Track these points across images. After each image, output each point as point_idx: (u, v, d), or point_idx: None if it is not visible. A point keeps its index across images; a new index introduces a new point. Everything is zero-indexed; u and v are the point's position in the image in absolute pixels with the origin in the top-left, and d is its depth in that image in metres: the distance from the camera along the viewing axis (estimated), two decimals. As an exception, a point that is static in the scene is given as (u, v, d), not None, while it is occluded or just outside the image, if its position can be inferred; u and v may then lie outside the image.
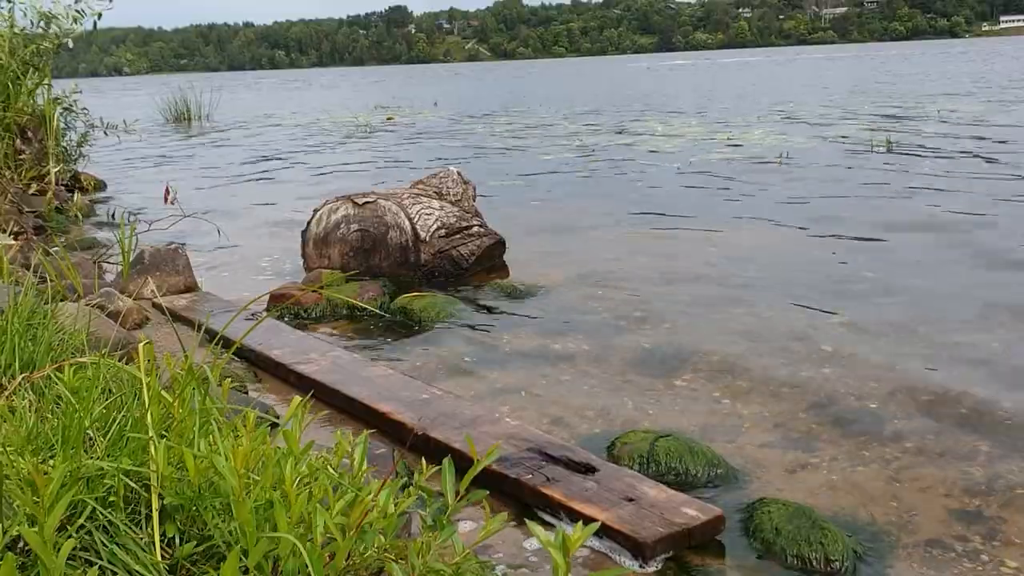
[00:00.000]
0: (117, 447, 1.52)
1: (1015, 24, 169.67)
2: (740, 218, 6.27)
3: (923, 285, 4.37)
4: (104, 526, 1.33)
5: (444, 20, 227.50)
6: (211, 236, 5.48)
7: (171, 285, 4.44)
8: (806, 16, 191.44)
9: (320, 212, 4.92)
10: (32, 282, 2.67)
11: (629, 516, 2.07)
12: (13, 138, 7.46)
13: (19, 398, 1.84)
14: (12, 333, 2.13)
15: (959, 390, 3.01)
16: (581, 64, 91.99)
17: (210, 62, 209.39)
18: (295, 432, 1.51)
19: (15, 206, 6.30)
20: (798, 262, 4.95)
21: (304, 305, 4.19)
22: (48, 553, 1.16)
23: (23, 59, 7.65)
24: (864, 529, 2.17)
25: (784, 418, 2.83)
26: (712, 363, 3.37)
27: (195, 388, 1.65)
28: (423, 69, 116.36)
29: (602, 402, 3.02)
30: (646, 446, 2.54)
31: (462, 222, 4.94)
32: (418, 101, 25.77)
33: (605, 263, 5.09)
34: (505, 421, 2.65)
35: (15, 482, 1.33)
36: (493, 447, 1.60)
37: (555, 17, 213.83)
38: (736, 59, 74.06)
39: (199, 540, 1.38)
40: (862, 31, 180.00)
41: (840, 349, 3.47)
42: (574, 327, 3.88)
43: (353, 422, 2.79)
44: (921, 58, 49.40)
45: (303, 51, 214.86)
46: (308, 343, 3.53)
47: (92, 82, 60.44)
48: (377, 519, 1.46)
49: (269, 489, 1.40)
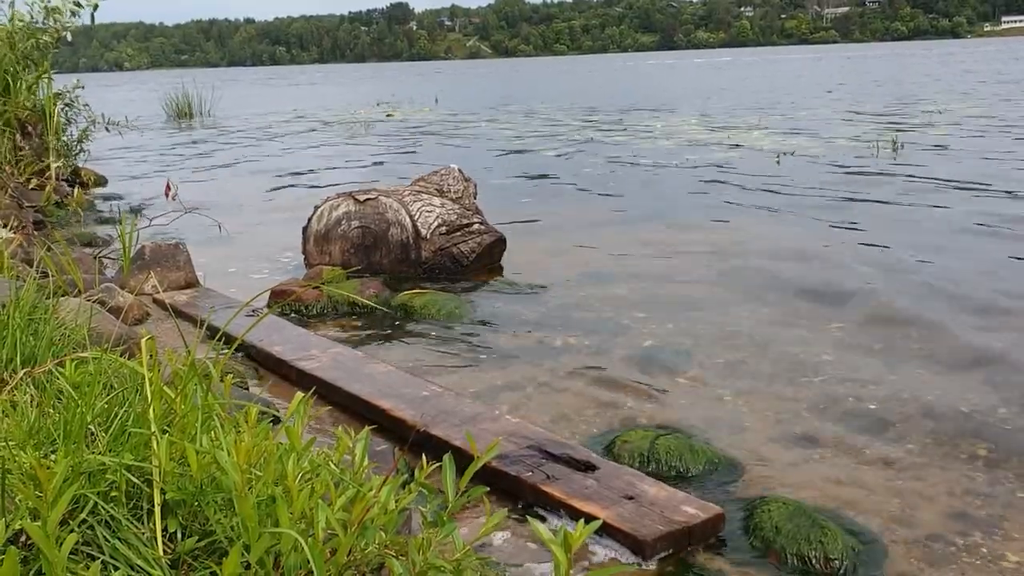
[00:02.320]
0: (119, 442, 1.52)
1: (1017, 24, 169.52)
2: (740, 217, 6.27)
3: (924, 285, 4.37)
4: (106, 521, 1.33)
5: (445, 17, 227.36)
6: (212, 232, 5.48)
7: (172, 281, 4.44)
8: (808, 15, 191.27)
9: (321, 209, 4.92)
10: (33, 277, 2.67)
11: (629, 514, 2.07)
12: (14, 133, 7.46)
13: (21, 393, 1.84)
14: (13, 328, 2.13)
15: (960, 390, 3.01)
16: (581, 62, 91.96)
17: (211, 58, 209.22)
18: (297, 428, 1.51)
19: (15, 201, 6.30)
20: (798, 262, 4.95)
21: (305, 302, 4.19)
22: (51, 547, 1.16)
23: (23, 52, 7.65)
24: (864, 528, 2.17)
25: (784, 417, 2.84)
26: (712, 362, 3.38)
27: (197, 384, 1.65)
28: (424, 66, 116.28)
29: (602, 400, 3.02)
30: (646, 444, 2.55)
31: (463, 219, 4.94)
32: (419, 98, 25.75)
33: (606, 261, 5.09)
34: (505, 418, 2.65)
35: (17, 476, 1.33)
36: (493, 444, 1.60)
37: (557, 15, 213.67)
38: (736, 58, 74.00)
39: (201, 535, 1.38)
40: (864, 31, 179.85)
41: (841, 349, 3.48)
42: (574, 324, 3.89)
43: (354, 419, 2.79)
44: (920, 57, 49.36)
45: (304, 47, 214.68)
46: (309, 340, 3.53)
47: (92, 77, 60.39)
48: (378, 515, 1.46)
49: (271, 485, 1.40)
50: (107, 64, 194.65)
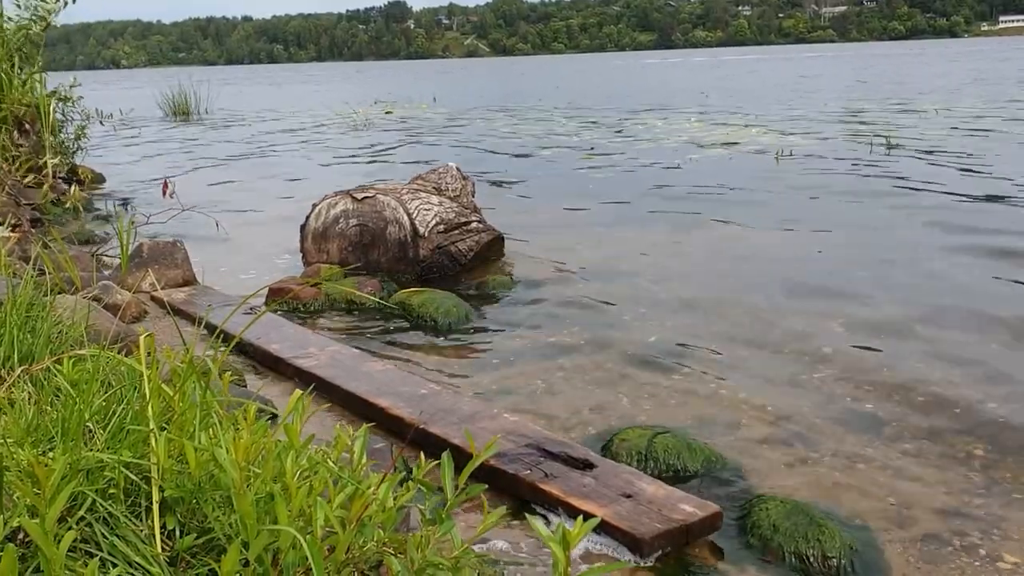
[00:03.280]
0: (117, 439, 1.52)
1: (1014, 24, 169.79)
2: (739, 215, 6.27)
3: (923, 284, 4.38)
4: (104, 518, 1.33)
5: (443, 16, 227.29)
6: (209, 230, 5.48)
7: (169, 279, 4.43)
8: (805, 15, 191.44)
9: (319, 207, 4.92)
10: (30, 275, 2.66)
11: (627, 512, 2.07)
12: (10, 130, 7.44)
13: (18, 390, 1.83)
14: (11, 325, 2.13)
15: (958, 389, 3.02)
16: (579, 60, 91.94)
17: (208, 56, 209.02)
18: (296, 426, 1.51)
19: (12, 198, 6.29)
20: (797, 260, 4.96)
21: (303, 300, 4.19)
22: (49, 544, 1.16)
23: (16, 47, 7.63)
24: (862, 526, 2.17)
25: (782, 415, 2.84)
26: (711, 360, 3.38)
27: (196, 381, 1.65)
28: (422, 65, 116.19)
29: (600, 398, 3.02)
30: (644, 442, 2.55)
31: (461, 218, 4.94)
32: (417, 96, 25.74)
33: (603, 259, 5.10)
34: (503, 417, 2.65)
35: (15, 474, 1.33)
36: (491, 442, 1.60)
37: (555, 13, 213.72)
38: (736, 57, 74.04)
39: (199, 532, 1.38)
40: (861, 30, 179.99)
41: (839, 347, 3.48)
42: (572, 323, 3.89)
43: (352, 416, 2.79)
44: (919, 57, 49.41)
45: (302, 46, 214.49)
46: (307, 337, 3.53)
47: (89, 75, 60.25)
48: (376, 513, 1.46)
49: (269, 482, 1.40)
50: (104, 62, 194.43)
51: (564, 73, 47.34)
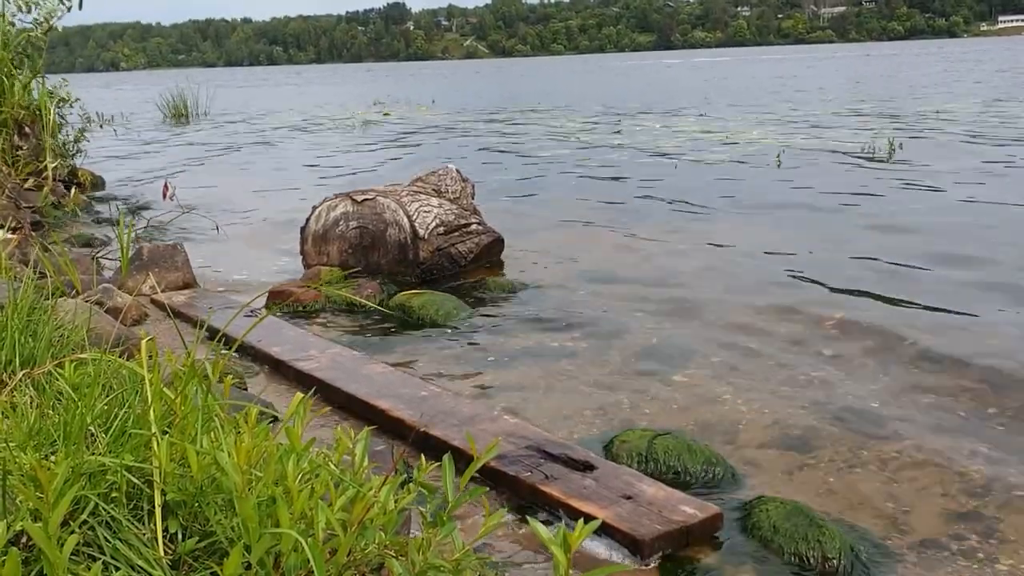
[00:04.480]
0: (119, 443, 1.52)
1: (1013, 24, 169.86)
2: (738, 217, 6.28)
3: (922, 285, 4.38)
4: (107, 522, 1.33)
5: (442, 17, 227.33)
6: (210, 233, 5.49)
7: (170, 282, 4.44)
8: (804, 15, 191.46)
9: (319, 209, 4.92)
10: (31, 278, 2.67)
11: (627, 514, 2.08)
12: (10, 133, 7.44)
13: (20, 394, 1.84)
14: (12, 329, 2.13)
15: (957, 391, 3.02)
16: (578, 62, 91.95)
17: (208, 58, 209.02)
18: (297, 429, 1.51)
19: (12, 201, 6.30)
20: (797, 261, 4.96)
21: (303, 302, 4.19)
22: (52, 548, 1.17)
23: (17, 49, 7.63)
24: (862, 527, 2.18)
25: (782, 417, 2.84)
26: (710, 362, 3.38)
27: (197, 385, 1.65)
28: (421, 66, 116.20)
29: (600, 400, 3.02)
30: (644, 444, 2.55)
31: (460, 220, 4.94)
32: (416, 98, 25.74)
33: (603, 261, 5.10)
34: (504, 419, 2.66)
35: (18, 478, 1.33)
36: (492, 444, 1.60)
37: (554, 15, 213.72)
38: (736, 57, 74.05)
39: (201, 536, 1.38)
40: (860, 30, 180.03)
41: (838, 349, 3.48)
42: (572, 325, 3.89)
43: (352, 419, 2.79)
44: (918, 57, 49.44)
45: (301, 47, 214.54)
46: (307, 340, 3.53)
47: (89, 77, 60.25)
48: (378, 515, 1.47)
49: (271, 485, 1.40)
50: (103, 64, 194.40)
51: (563, 74, 47.35)
